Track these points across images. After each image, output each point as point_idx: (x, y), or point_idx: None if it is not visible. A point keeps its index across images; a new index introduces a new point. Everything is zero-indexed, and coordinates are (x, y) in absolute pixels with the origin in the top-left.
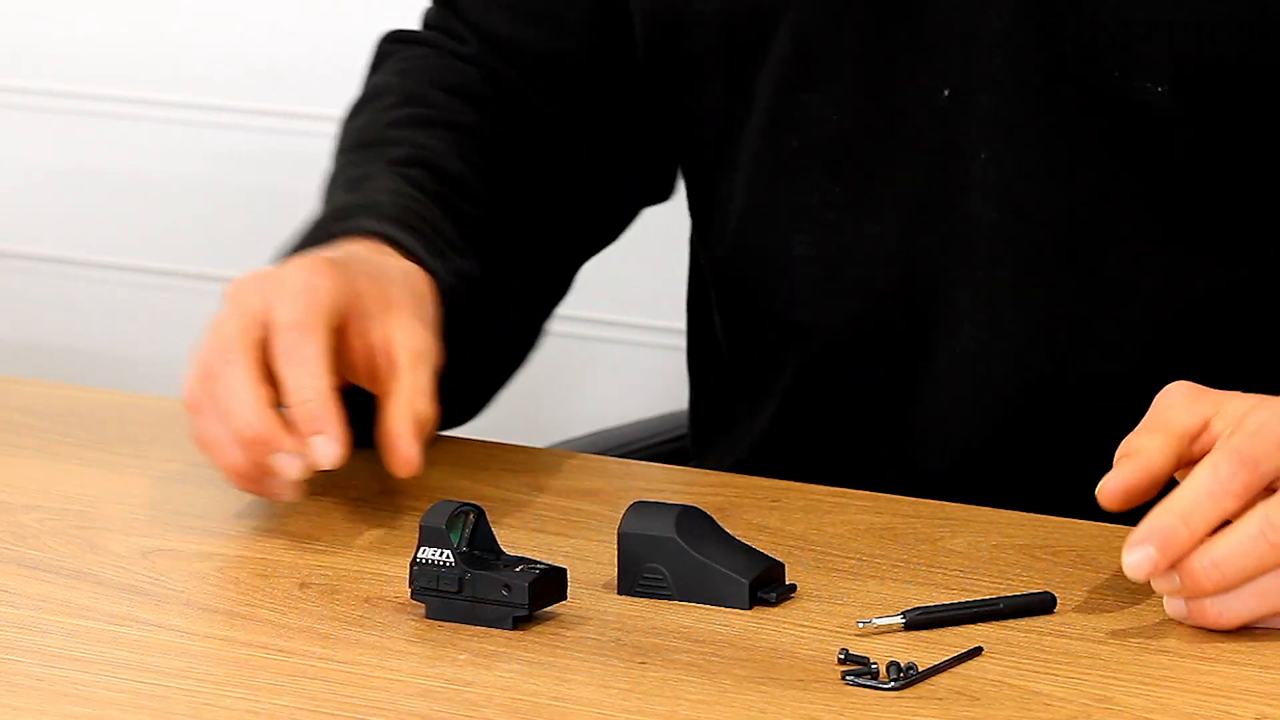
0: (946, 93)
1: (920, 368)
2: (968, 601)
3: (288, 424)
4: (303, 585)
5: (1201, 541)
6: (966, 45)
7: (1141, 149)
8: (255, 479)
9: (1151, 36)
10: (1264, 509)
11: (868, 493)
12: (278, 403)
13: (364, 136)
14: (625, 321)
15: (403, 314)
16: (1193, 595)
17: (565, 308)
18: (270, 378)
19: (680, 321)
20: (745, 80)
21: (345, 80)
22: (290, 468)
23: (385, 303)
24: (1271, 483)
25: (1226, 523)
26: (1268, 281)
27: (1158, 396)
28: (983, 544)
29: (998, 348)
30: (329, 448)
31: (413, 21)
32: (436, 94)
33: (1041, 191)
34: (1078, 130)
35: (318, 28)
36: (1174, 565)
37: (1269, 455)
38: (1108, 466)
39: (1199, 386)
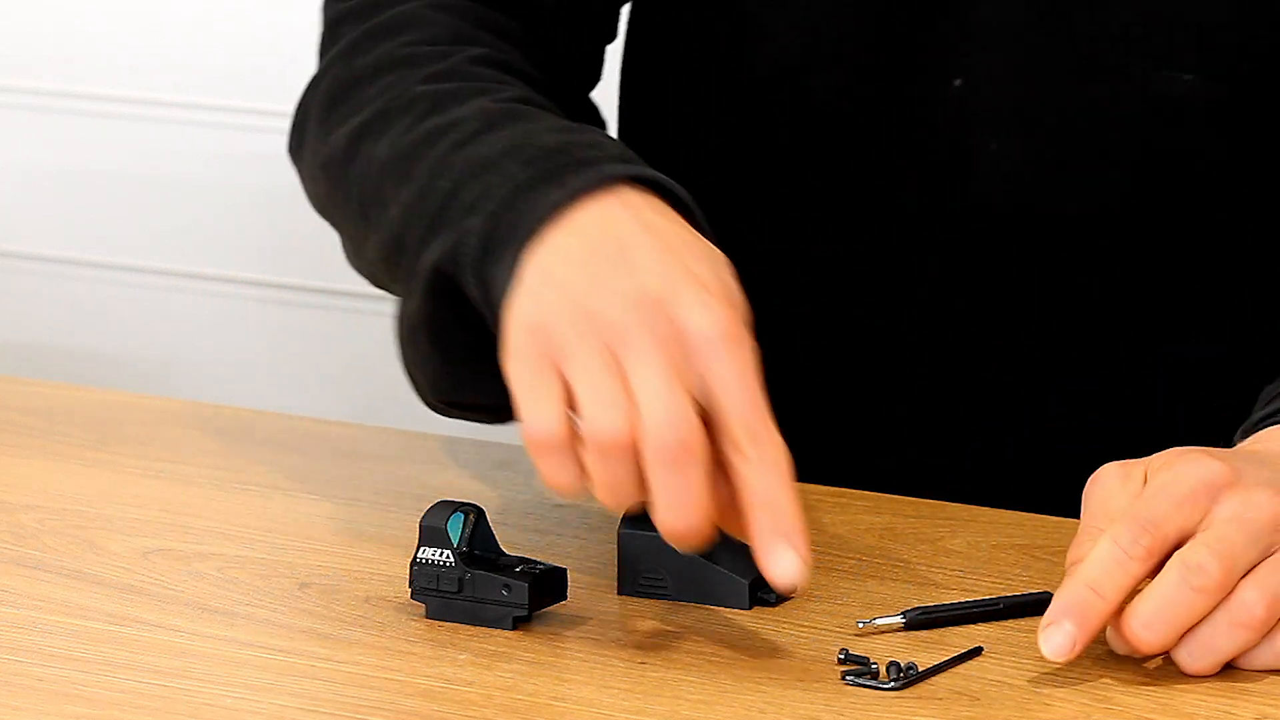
0: (958, 83)
1: (925, 366)
2: (968, 601)
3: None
4: (303, 585)
5: (1117, 607)
6: (980, 35)
7: (1168, 142)
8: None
9: (1177, 23)
10: (1179, 557)
11: (868, 493)
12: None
13: (447, 67)
14: None
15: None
16: (1139, 655)
17: None
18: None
19: None
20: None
21: None
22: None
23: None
24: (1180, 538)
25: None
26: None
27: (1089, 486)
28: (982, 544)
29: (996, 343)
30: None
31: None
32: (483, 34)
33: (1055, 187)
34: (1098, 124)
35: (318, 28)
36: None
37: (1169, 516)
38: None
39: (1127, 463)
